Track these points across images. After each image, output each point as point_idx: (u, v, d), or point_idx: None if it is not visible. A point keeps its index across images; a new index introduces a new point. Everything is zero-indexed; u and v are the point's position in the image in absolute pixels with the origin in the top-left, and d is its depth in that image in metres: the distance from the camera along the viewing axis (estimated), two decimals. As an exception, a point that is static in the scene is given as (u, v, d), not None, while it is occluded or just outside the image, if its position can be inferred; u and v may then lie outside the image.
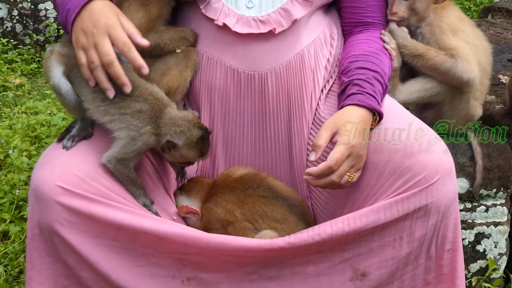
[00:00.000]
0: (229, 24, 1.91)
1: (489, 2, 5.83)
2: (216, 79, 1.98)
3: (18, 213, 2.85)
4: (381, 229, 1.74)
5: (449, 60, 2.11)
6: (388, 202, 1.72)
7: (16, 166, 3.12)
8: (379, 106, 1.87)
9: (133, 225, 1.68)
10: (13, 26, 4.79)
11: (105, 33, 1.71)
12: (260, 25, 1.92)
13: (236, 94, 1.98)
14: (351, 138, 1.77)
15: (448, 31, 2.14)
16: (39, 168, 1.72)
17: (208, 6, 1.94)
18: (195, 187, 2.02)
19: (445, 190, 1.74)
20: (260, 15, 1.93)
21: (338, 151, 1.76)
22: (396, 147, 1.78)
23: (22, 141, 3.36)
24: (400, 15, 2.10)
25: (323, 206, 2.01)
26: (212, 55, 1.97)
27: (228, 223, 1.90)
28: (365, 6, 2.07)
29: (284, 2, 1.94)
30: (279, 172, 2.08)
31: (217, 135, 2.05)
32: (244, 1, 1.93)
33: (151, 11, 1.94)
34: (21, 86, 4.40)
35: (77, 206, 1.66)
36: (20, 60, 4.69)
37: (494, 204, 2.44)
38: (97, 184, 1.70)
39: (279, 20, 1.93)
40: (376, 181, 1.79)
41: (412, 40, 2.12)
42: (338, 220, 1.75)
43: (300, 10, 1.95)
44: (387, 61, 2.02)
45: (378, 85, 1.91)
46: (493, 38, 3.46)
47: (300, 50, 1.98)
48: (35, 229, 1.70)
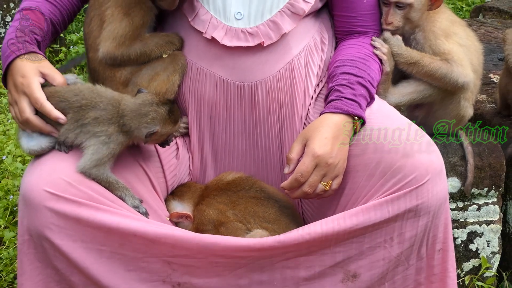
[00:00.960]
0: (217, 37, 1.92)
1: (481, 2, 5.85)
2: (205, 89, 1.98)
3: (12, 219, 2.85)
4: (372, 229, 1.75)
5: (444, 65, 2.12)
6: (379, 202, 1.73)
7: (10, 172, 3.13)
8: (359, 109, 1.88)
9: (122, 227, 1.69)
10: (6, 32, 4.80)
11: (22, 92, 1.80)
12: (248, 38, 1.93)
13: (225, 105, 1.98)
14: (317, 149, 1.80)
15: (442, 35, 2.15)
16: (28, 174, 1.74)
17: (196, 18, 1.95)
18: (188, 192, 2.03)
19: (435, 190, 1.75)
20: (249, 27, 1.93)
21: (303, 163, 1.82)
22: (387, 148, 1.79)
23: (16, 147, 3.36)
24: (395, 25, 2.11)
25: (315, 210, 2.02)
26: (202, 66, 1.97)
27: (220, 224, 1.90)
28: (357, 15, 2.08)
29: (273, 14, 1.94)
30: (270, 181, 2.09)
31: (206, 145, 2.06)
32: (233, 13, 1.93)
33: (134, 19, 1.95)
34: (15, 91, 4.40)
35: (65, 210, 1.67)
36: (14, 66, 4.69)
37: (486, 203, 2.44)
38: (85, 187, 1.71)
39: (268, 33, 1.93)
40: (367, 182, 1.80)
41: (406, 48, 2.13)
42: (328, 220, 1.76)
43: (289, 23, 1.95)
44: (375, 66, 2.03)
45: (361, 89, 1.92)
46: (484, 38, 3.47)
47: (290, 60, 1.98)
48: (25, 234, 1.71)
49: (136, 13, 1.95)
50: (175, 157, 2.02)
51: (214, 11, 1.94)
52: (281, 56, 1.97)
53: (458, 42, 2.18)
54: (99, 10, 1.95)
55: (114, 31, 1.93)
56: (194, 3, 1.94)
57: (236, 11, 1.93)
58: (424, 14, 2.14)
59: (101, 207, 1.70)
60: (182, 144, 2.06)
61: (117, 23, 1.93)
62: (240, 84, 1.96)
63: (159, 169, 1.97)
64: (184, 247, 1.71)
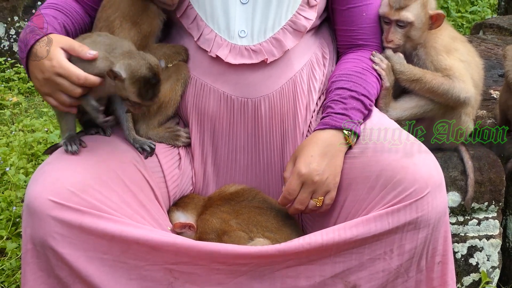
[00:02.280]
0: (221, 55, 1.95)
1: (481, 19, 5.89)
2: (209, 104, 2.01)
3: (14, 230, 2.87)
4: (372, 241, 1.76)
5: (446, 82, 2.14)
6: (379, 214, 1.75)
7: (13, 184, 3.15)
8: (349, 122, 1.92)
9: (125, 235, 1.71)
10: (10, 45, 4.84)
11: (56, 74, 1.78)
12: (252, 55, 1.96)
13: (228, 120, 2.01)
14: (301, 168, 1.87)
15: (443, 51, 2.18)
16: (32, 184, 1.76)
17: (201, 37, 1.98)
18: (191, 203, 2.04)
19: (435, 203, 1.77)
20: (252, 44, 1.96)
21: (289, 182, 1.89)
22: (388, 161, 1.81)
23: (19, 158, 3.38)
24: (396, 43, 2.14)
25: (315, 223, 2.03)
26: (206, 82, 2.00)
27: (223, 233, 1.92)
28: (357, 28, 2.11)
29: (275, 31, 1.97)
30: (271, 195, 2.10)
31: (208, 159, 2.08)
32: (237, 31, 1.96)
33: (143, 27, 1.98)
34: (18, 104, 4.43)
35: (69, 219, 1.69)
36: (17, 78, 4.73)
37: (486, 218, 2.46)
38: (88, 196, 1.73)
39: (271, 50, 1.97)
40: (367, 194, 1.82)
41: (408, 65, 2.16)
42: (329, 230, 1.78)
43: (291, 40, 1.98)
44: (373, 79, 2.06)
45: (354, 103, 1.96)
46: (484, 54, 3.50)
47: (293, 75, 2.01)
48: (28, 243, 1.73)
49: (144, 21, 1.98)
50: (177, 168, 2.04)
51: (218, 30, 1.97)
52: (283, 72, 2.00)
53: (459, 58, 2.20)
54: (107, 22, 1.98)
55: None
56: (199, 23, 1.98)
57: (240, 29, 1.96)
58: (425, 32, 2.16)
59: (104, 216, 1.72)
60: (185, 155, 2.07)
61: (126, 33, 1.96)
62: (243, 99, 1.99)
63: (161, 179, 1.98)
64: (186, 254, 1.73)
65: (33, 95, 4.67)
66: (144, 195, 1.89)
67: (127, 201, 1.82)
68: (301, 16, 1.99)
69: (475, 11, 6.10)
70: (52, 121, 3.94)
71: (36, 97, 4.64)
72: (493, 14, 6.02)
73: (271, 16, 1.96)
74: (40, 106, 4.47)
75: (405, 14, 2.10)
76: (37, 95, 4.67)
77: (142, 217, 1.84)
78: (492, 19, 4.59)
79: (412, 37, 2.15)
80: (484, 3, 6.20)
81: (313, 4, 2.00)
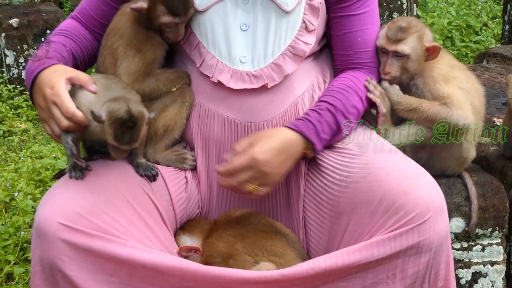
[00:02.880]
0: (223, 80, 1.99)
1: (485, 48, 5.94)
2: (213, 129, 2.05)
3: (22, 255, 2.89)
4: (375, 265, 1.78)
5: (443, 110, 2.16)
6: (381, 239, 1.77)
7: (21, 209, 3.17)
8: (313, 134, 1.97)
9: (132, 258, 1.73)
10: (19, 72, 4.90)
11: (51, 102, 1.83)
12: (253, 80, 2.00)
13: (233, 144, 2.03)
14: (258, 153, 1.90)
15: (441, 80, 2.20)
16: (41, 206, 1.79)
17: (203, 63, 2.03)
18: (197, 227, 2.07)
19: (437, 227, 1.79)
20: (253, 70, 2.01)
21: (238, 158, 1.92)
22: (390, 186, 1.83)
23: (27, 184, 3.42)
24: (393, 75, 2.17)
25: (319, 246, 2.05)
26: (210, 107, 2.04)
27: (229, 256, 1.94)
28: (353, 53, 2.15)
29: (275, 57, 2.02)
30: (275, 218, 2.13)
31: (212, 182, 2.10)
32: (238, 57, 2.01)
33: (146, 55, 2.02)
34: (27, 131, 4.48)
35: (77, 241, 1.72)
36: (26, 105, 4.78)
37: (490, 244, 2.47)
38: (97, 219, 1.76)
39: (271, 75, 2.01)
40: (370, 219, 1.84)
41: (405, 96, 2.18)
42: (332, 255, 1.80)
43: (291, 65, 2.03)
44: (355, 98, 2.08)
45: (328, 116, 2.01)
46: (488, 83, 3.54)
47: (295, 100, 2.06)
48: (37, 266, 1.75)
49: (148, 49, 2.02)
50: (184, 191, 2.06)
51: (220, 56, 2.01)
52: (286, 96, 2.04)
53: (458, 86, 2.22)
54: (111, 49, 2.03)
55: (128, 67, 2.01)
56: (201, 49, 2.03)
57: (241, 55, 2.01)
58: (421, 64, 2.19)
59: (112, 239, 1.74)
60: (191, 178, 2.10)
61: (130, 60, 2.01)
62: (247, 124, 2.02)
63: (169, 202, 2.01)
64: (192, 279, 1.75)
65: (41, 122, 4.73)
66: (151, 218, 1.91)
67: (135, 224, 1.85)
68: (300, 41, 2.03)
69: (479, 41, 6.16)
70: (60, 147, 3.98)
71: (44, 124, 4.69)
72: (497, 44, 6.07)
73: (271, 42, 2.01)
74: (48, 133, 4.52)
75: (401, 46, 2.13)
76: (46, 122, 4.72)
77: (150, 240, 1.86)
78: (495, 48, 4.63)
79: (408, 68, 2.18)
80: (488, 33, 6.26)
81: (312, 29, 2.05)
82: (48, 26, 4.87)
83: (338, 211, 1.94)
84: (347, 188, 1.93)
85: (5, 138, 4.35)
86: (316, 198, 2.03)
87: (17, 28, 4.83)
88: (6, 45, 4.82)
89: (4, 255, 2.83)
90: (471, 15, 6.42)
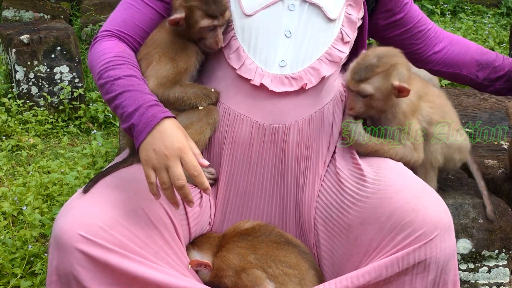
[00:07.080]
0: (266, 83, 2.03)
1: (492, 72, 5.96)
2: (241, 134, 2.08)
3: (29, 269, 2.90)
4: (383, 284, 1.80)
5: (401, 151, 2.15)
6: (390, 260, 1.79)
7: (28, 223, 3.19)
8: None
9: (146, 277, 1.75)
10: (28, 88, 4.93)
11: (177, 157, 1.76)
12: (293, 82, 2.05)
13: (259, 147, 2.07)
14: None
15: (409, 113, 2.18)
16: (62, 217, 1.80)
17: (243, 66, 2.06)
18: (206, 242, 2.08)
19: (443, 245, 1.81)
20: (291, 73, 2.06)
21: None
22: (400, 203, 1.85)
23: (35, 198, 3.43)
24: (357, 111, 2.14)
25: (328, 258, 2.06)
26: (240, 112, 2.07)
27: (242, 270, 1.94)
28: (431, 26, 2.40)
29: (312, 61, 2.07)
30: (287, 221, 2.15)
31: (236, 187, 2.13)
32: (277, 62, 2.05)
33: (179, 64, 2.07)
34: (35, 146, 4.50)
35: (95, 254, 1.73)
36: (35, 121, 4.81)
37: (496, 265, 2.48)
38: (116, 233, 1.77)
39: (309, 78, 2.06)
40: (377, 235, 1.86)
41: (368, 138, 2.14)
42: (342, 279, 1.82)
43: (327, 69, 2.09)
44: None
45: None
46: (495, 106, 3.57)
47: (322, 107, 2.11)
48: (53, 275, 1.77)
49: (181, 59, 2.07)
50: (198, 205, 2.08)
51: (259, 61, 2.06)
52: (314, 101, 2.09)
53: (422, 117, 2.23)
54: (147, 56, 2.08)
55: (158, 71, 2.05)
56: (241, 53, 2.07)
57: (281, 59, 2.05)
58: (390, 101, 2.14)
59: (128, 255, 1.76)
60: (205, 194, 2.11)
61: (162, 65, 2.05)
62: (274, 126, 2.06)
63: (184, 216, 2.02)
64: None
65: (49, 137, 4.75)
66: (168, 233, 1.92)
67: (153, 238, 1.86)
68: (335, 49, 2.10)
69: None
70: (68, 163, 4.00)
71: (52, 139, 4.71)
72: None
73: (310, 47, 2.06)
74: (56, 148, 4.55)
75: (364, 86, 2.08)
76: (53, 137, 4.75)
77: (167, 254, 1.87)
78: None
79: (374, 106, 2.14)
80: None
81: (347, 40, 2.12)
82: (58, 42, 4.91)
83: (348, 223, 1.97)
84: (358, 202, 1.95)
85: (14, 152, 4.37)
86: (327, 210, 2.06)
87: (27, 44, 4.87)
88: (16, 61, 4.85)
89: (11, 268, 2.83)
90: (478, 40, 6.46)
